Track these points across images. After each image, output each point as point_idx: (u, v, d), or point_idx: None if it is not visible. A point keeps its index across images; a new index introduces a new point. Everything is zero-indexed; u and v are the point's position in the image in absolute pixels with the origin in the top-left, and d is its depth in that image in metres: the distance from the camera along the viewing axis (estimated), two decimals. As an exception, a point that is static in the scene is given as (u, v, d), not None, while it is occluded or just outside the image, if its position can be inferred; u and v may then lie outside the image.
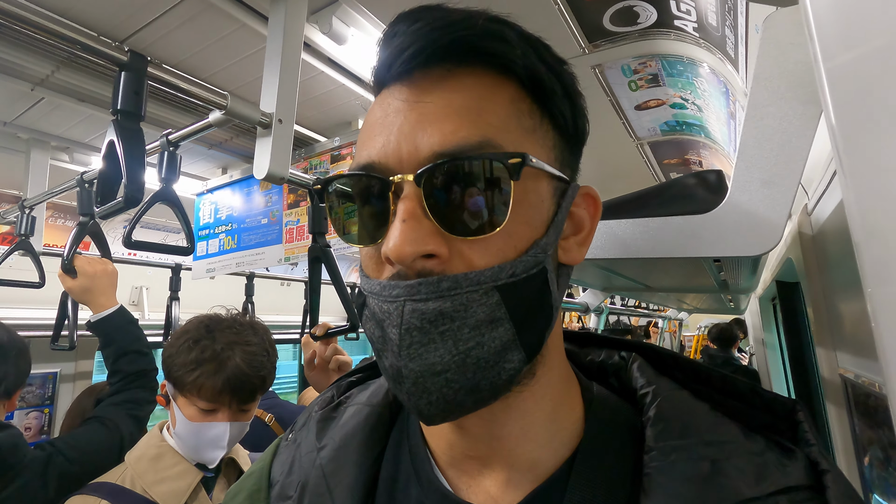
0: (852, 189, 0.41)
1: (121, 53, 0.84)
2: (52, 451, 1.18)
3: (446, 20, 0.38)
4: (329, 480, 0.47)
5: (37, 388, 2.28)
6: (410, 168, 0.37)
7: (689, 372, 0.47)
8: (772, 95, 0.64)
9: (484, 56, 0.39)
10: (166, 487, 1.07)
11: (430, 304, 0.35)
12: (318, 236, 1.25)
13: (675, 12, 1.19)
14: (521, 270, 0.37)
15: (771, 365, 2.81)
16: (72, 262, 1.36)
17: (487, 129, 0.38)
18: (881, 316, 0.40)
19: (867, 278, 0.40)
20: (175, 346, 1.13)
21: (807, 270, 1.16)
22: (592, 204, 0.46)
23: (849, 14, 0.41)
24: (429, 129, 0.37)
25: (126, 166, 0.83)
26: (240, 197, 1.96)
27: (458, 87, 0.39)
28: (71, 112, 1.72)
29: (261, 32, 1.33)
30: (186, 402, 1.11)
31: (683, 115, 1.77)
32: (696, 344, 7.62)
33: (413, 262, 0.36)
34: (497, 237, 0.37)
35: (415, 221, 0.36)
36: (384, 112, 0.40)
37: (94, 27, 1.31)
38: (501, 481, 0.42)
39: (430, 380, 0.36)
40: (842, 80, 0.41)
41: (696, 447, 0.38)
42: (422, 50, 0.38)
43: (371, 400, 0.52)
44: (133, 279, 2.97)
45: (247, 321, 1.22)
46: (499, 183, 0.37)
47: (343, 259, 4.59)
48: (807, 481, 0.36)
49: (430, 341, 0.36)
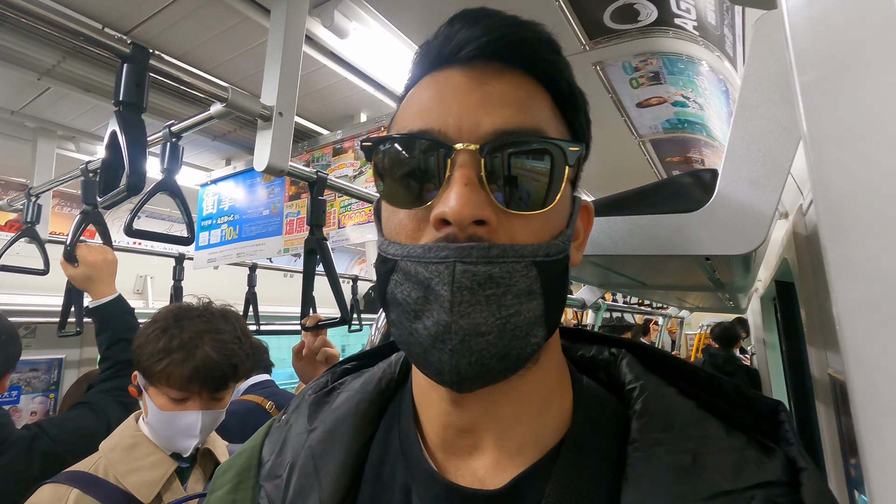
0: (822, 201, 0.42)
1: (123, 45, 0.85)
2: (37, 432, 1.21)
3: (511, 22, 0.42)
4: (317, 461, 0.48)
5: (42, 373, 2.33)
6: (470, 139, 0.40)
7: (677, 370, 0.48)
8: (760, 96, 0.65)
9: (538, 61, 0.43)
10: (139, 477, 1.05)
11: (480, 268, 0.37)
12: (316, 228, 1.26)
13: (675, 10, 1.19)
14: (553, 252, 0.41)
15: (770, 364, 2.81)
16: (74, 250, 1.39)
17: (538, 120, 0.42)
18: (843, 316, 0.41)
19: (832, 280, 0.42)
20: (144, 336, 1.12)
21: (800, 271, 1.17)
22: (587, 216, 0.51)
23: (822, 26, 0.42)
24: (491, 110, 0.40)
25: (128, 156, 0.85)
26: (242, 188, 1.98)
27: (513, 82, 0.42)
28: (77, 102, 1.75)
29: (263, 25, 1.34)
30: (157, 391, 1.10)
31: (685, 113, 1.77)
32: (697, 343, 7.59)
33: (467, 226, 0.38)
34: (540, 217, 0.41)
35: (474, 187, 0.38)
36: (440, 89, 0.43)
37: (100, 18, 1.32)
38: (489, 463, 0.43)
39: (473, 340, 0.38)
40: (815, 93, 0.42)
41: (679, 441, 0.40)
42: (489, 43, 0.41)
43: (364, 388, 0.54)
44: (137, 268, 3.00)
45: (217, 309, 1.21)
46: (555, 166, 0.41)
47: (344, 252, 4.61)
48: (783, 478, 0.37)
49: (477, 302, 0.37)
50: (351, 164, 1.83)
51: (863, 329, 0.41)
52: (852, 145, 0.40)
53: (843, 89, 0.40)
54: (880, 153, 0.39)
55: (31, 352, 2.25)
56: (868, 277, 0.40)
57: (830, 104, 0.41)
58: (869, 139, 0.39)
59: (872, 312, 0.40)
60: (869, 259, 0.40)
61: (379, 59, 1.55)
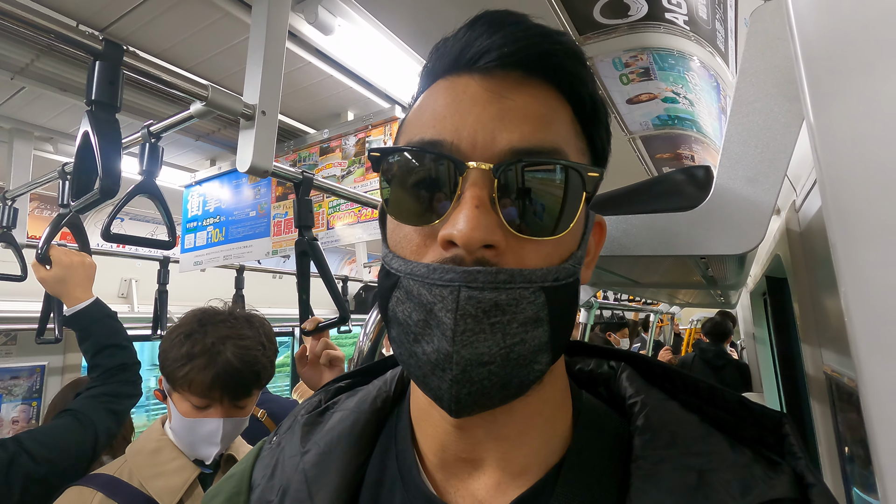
0: (829, 191, 0.40)
1: (95, 42, 0.81)
2: (15, 451, 1.11)
3: (536, 31, 0.40)
4: (311, 486, 0.46)
5: (24, 380, 2.26)
6: (483, 157, 0.38)
7: (679, 383, 0.47)
8: (758, 91, 0.63)
9: (561, 73, 0.41)
10: (162, 482, 1.05)
11: (486, 294, 0.36)
12: (305, 230, 1.23)
13: (665, 5, 1.17)
14: (563, 276, 0.39)
15: (761, 359, 2.83)
16: (46, 252, 1.32)
17: (558, 138, 0.40)
18: (855, 314, 0.39)
19: (842, 277, 0.40)
20: (168, 341, 1.11)
21: (794, 267, 1.16)
22: (599, 232, 0.49)
23: (831, 12, 0.40)
24: (508, 125, 0.38)
25: (101, 158, 0.81)
26: (228, 189, 1.93)
27: (534, 94, 0.40)
28: (53, 102, 1.69)
29: (245, 21, 1.31)
30: (180, 397, 1.10)
31: (675, 109, 1.76)
32: (688, 338, 7.65)
33: (475, 250, 0.36)
34: (551, 242, 0.39)
35: (485, 210, 0.37)
36: (457, 98, 0.40)
37: (74, 15, 1.28)
38: (490, 485, 0.42)
39: (476, 370, 0.36)
40: (822, 81, 0.40)
41: (683, 458, 0.39)
42: (513, 53, 0.39)
43: (359, 406, 0.51)
44: (122, 271, 2.94)
45: (243, 314, 1.20)
46: (572, 190, 0.39)
47: (335, 252, 4.57)
48: (792, 494, 0.36)
49: (481, 331, 0.36)
50: (339, 164, 1.80)
51: (874, 323, 0.39)
52: (862, 136, 0.38)
53: (851, 79, 0.38)
54: (891, 144, 0.38)
55: (11, 359, 2.18)
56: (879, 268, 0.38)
57: (839, 95, 0.39)
58: (880, 129, 0.38)
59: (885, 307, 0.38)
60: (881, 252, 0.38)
61: (365, 56, 1.52)
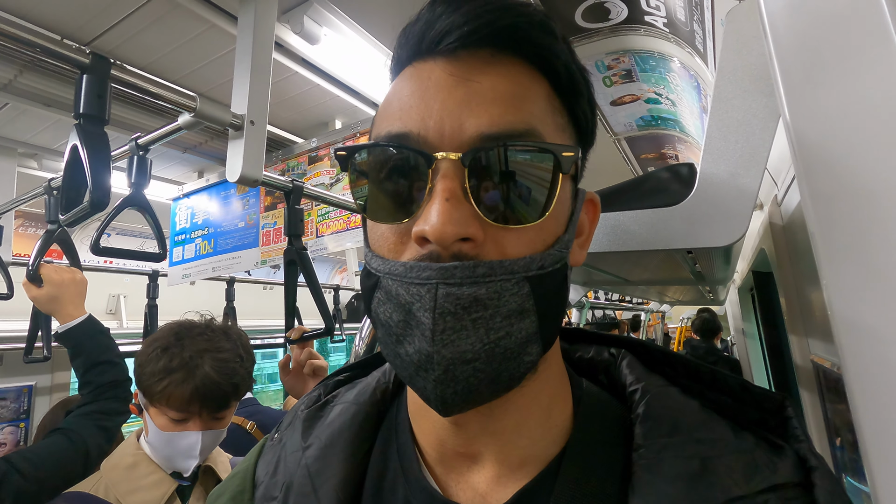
0: (807, 184, 0.42)
1: (82, 56, 0.81)
2: (6, 470, 1.10)
3: (498, 5, 0.37)
4: (314, 480, 0.45)
5: (11, 401, 2.21)
6: (452, 146, 0.36)
7: (680, 368, 0.46)
8: (735, 88, 0.65)
9: (530, 46, 0.39)
10: (139, 498, 1.04)
11: (464, 290, 0.34)
12: (294, 239, 1.23)
13: (645, 8, 1.20)
14: (548, 263, 0.37)
15: (751, 354, 2.87)
16: (37, 270, 1.31)
17: (531, 118, 0.37)
18: (836, 303, 0.41)
19: (823, 267, 0.42)
20: (145, 355, 1.10)
21: (778, 260, 1.19)
22: (593, 209, 0.47)
23: (801, 11, 0.42)
24: (476, 110, 0.36)
25: (91, 171, 0.81)
26: (216, 201, 1.93)
27: (504, 73, 0.38)
28: (37, 117, 1.68)
29: (231, 33, 1.31)
30: (157, 411, 1.08)
31: (658, 109, 1.79)
32: (678, 336, 7.72)
33: (451, 244, 0.35)
34: (532, 228, 0.37)
35: (457, 202, 0.35)
36: (422, 84, 0.38)
37: (58, 29, 1.27)
38: (490, 478, 0.42)
39: (459, 368, 0.35)
40: (795, 77, 0.42)
41: (686, 445, 0.38)
42: (475, 30, 0.37)
43: (358, 399, 0.51)
44: (110, 287, 2.90)
45: (220, 326, 1.19)
46: (549, 174, 0.37)
47: (325, 261, 4.56)
48: (795, 478, 0.36)
49: (462, 328, 0.35)
50: (327, 172, 1.80)
51: (855, 310, 0.41)
52: (834, 129, 0.40)
53: (823, 74, 0.40)
54: (863, 136, 0.40)
55: (-2, 380, 2.14)
56: (857, 258, 0.40)
57: (811, 90, 0.41)
58: (852, 121, 0.40)
59: (864, 293, 0.40)
60: (857, 240, 0.40)
61: (352, 65, 1.53)
